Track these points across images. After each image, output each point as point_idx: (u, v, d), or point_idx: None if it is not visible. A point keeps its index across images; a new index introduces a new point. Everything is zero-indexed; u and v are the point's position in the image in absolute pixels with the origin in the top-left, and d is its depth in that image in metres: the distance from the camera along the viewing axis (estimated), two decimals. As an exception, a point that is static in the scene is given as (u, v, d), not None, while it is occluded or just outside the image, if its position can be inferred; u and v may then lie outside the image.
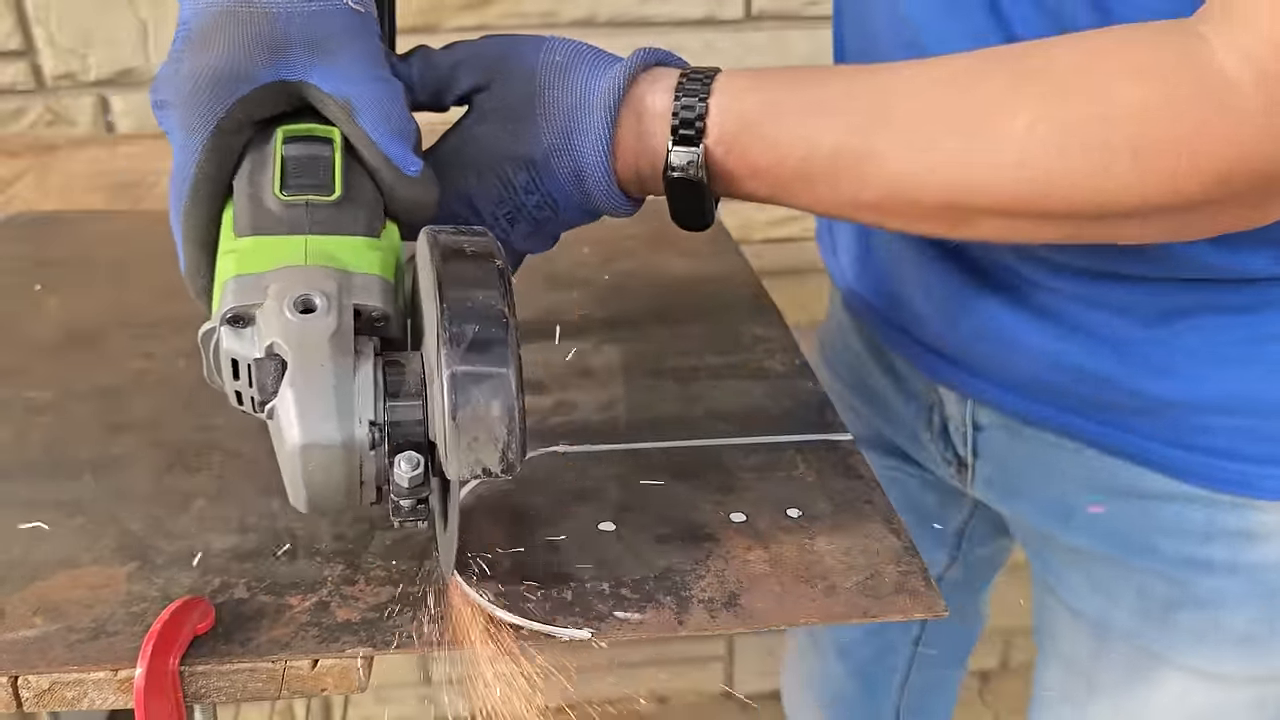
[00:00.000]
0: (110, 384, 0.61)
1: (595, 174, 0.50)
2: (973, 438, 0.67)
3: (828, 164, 0.47)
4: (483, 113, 0.52)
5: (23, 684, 0.40)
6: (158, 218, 0.88)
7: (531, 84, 0.51)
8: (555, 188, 0.52)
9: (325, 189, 0.44)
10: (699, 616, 0.44)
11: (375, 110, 0.45)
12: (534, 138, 0.51)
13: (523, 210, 0.53)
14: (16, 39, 1.18)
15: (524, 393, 0.39)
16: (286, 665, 0.41)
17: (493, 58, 0.52)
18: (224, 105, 0.44)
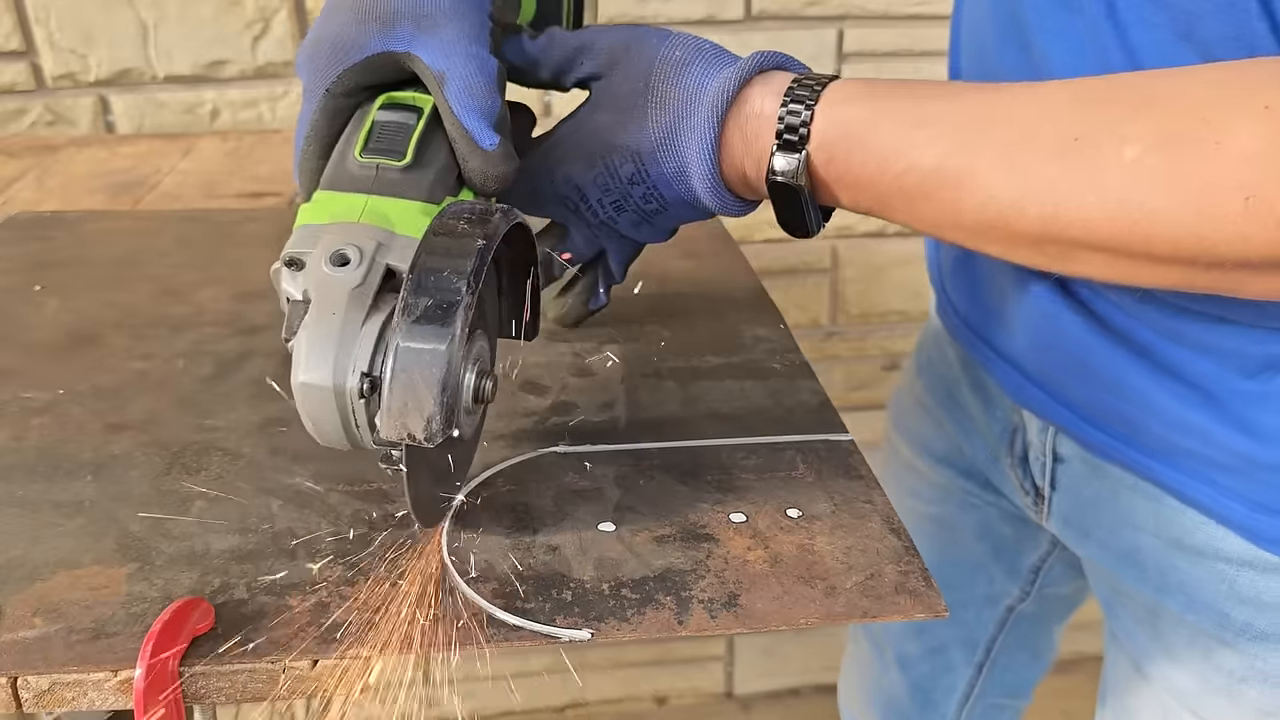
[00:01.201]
0: (110, 384, 0.61)
1: (699, 171, 0.50)
2: (1051, 469, 0.64)
3: (927, 180, 0.45)
4: (598, 101, 0.54)
5: (22, 684, 0.40)
6: (158, 218, 0.89)
7: (647, 77, 0.52)
8: (660, 182, 0.52)
9: (398, 155, 0.47)
10: (699, 617, 0.44)
11: (461, 84, 0.48)
12: (641, 130, 0.52)
13: (629, 200, 0.54)
14: (16, 39, 1.18)
15: (479, 367, 0.44)
16: (286, 666, 0.41)
17: (616, 46, 0.53)
18: (334, 71, 0.49)
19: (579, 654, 1.69)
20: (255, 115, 1.25)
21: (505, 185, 0.50)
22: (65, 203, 0.93)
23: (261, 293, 0.73)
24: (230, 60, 1.22)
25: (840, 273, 1.43)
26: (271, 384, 0.58)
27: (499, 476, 0.53)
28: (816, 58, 1.32)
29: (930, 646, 0.87)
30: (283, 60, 1.23)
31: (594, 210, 0.56)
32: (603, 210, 0.56)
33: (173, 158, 1.07)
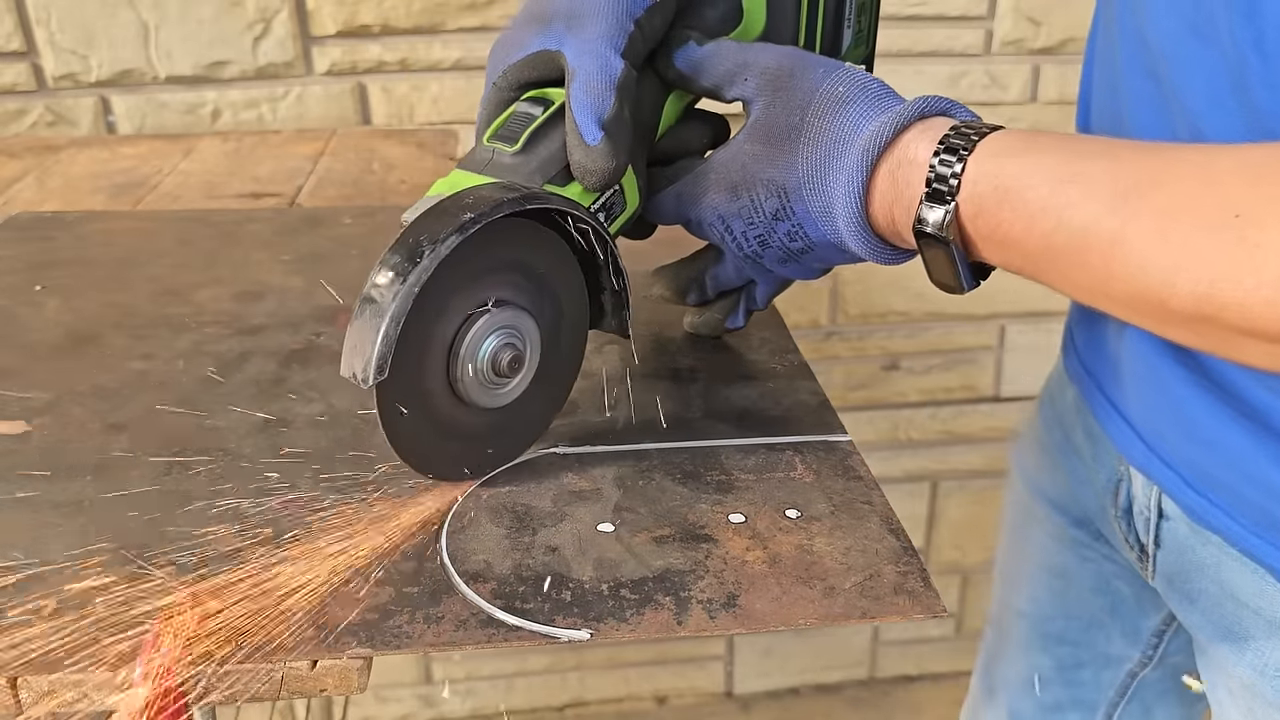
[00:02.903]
0: (110, 384, 0.61)
1: (845, 213, 0.49)
2: (1156, 525, 0.60)
3: (1075, 242, 0.41)
4: (753, 129, 0.53)
5: (22, 684, 0.40)
6: (158, 218, 0.89)
7: (804, 110, 0.50)
8: (806, 220, 0.51)
9: (512, 141, 0.52)
10: (698, 617, 0.44)
11: (582, 81, 0.51)
12: (790, 165, 0.50)
13: (773, 236, 0.53)
14: (18, 40, 1.18)
15: (505, 340, 0.49)
16: (286, 666, 0.41)
17: (780, 71, 0.52)
18: (500, 67, 0.54)
19: (579, 654, 1.69)
20: (256, 116, 1.25)
21: (602, 181, 0.51)
22: (66, 203, 0.93)
23: (261, 293, 0.74)
24: (231, 61, 1.22)
25: (840, 273, 1.43)
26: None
27: (499, 476, 0.53)
28: (817, 58, 1.32)
29: (1045, 704, 0.81)
30: (283, 61, 1.23)
31: (739, 243, 0.55)
32: (747, 244, 0.55)
33: (173, 158, 1.07)
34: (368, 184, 1.00)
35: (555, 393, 0.55)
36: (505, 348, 0.49)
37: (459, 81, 1.27)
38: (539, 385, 0.53)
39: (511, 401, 0.52)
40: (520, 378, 0.51)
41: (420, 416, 0.49)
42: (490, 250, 0.48)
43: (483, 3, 1.24)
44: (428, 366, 0.48)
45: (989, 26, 1.35)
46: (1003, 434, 1.63)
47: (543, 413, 0.55)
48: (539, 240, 0.51)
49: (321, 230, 0.86)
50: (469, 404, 0.50)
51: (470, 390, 0.49)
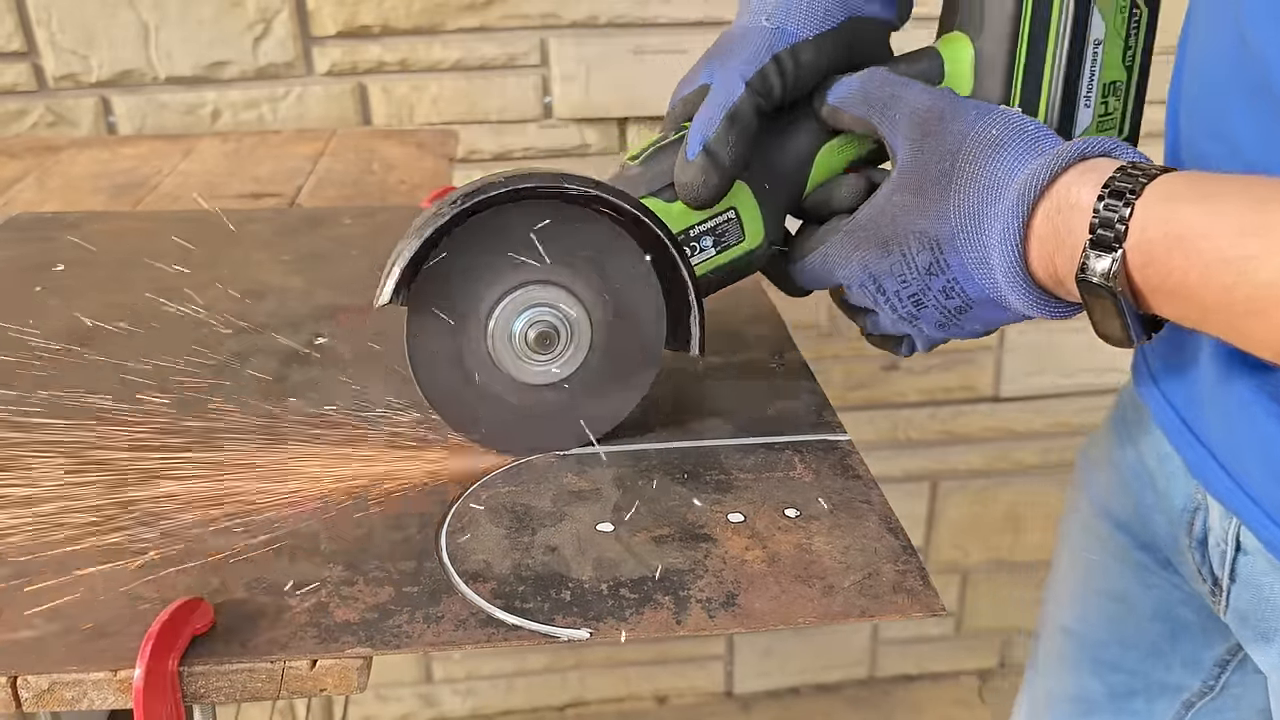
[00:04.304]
0: (110, 384, 0.61)
1: (1003, 263, 0.46)
2: (1233, 558, 0.57)
3: (1259, 296, 0.39)
4: (900, 178, 0.50)
5: (22, 684, 0.40)
6: (158, 218, 0.89)
7: (954, 156, 0.48)
8: (962, 274, 0.49)
9: (637, 156, 0.56)
10: (697, 617, 0.44)
11: (705, 102, 0.54)
12: (942, 215, 0.48)
13: (928, 294, 0.51)
14: (18, 40, 1.18)
15: (536, 317, 0.52)
16: (285, 665, 0.41)
17: (930, 114, 0.50)
18: (675, 99, 0.58)
19: (579, 653, 1.69)
20: (256, 116, 1.25)
21: (693, 196, 0.53)
22: (66, 204, 0.93)
23: (261, 293, 0.74)
24: (231, 61, 1.22)
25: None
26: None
27: (498, 477, 0.53)
28: (816, 58, 1.32)
29: None
30: (284, 61, 1.23)
31: (892, 305, 0.53)
32: (901, 305, 0.52)
33: (173, 158, 1.07)
34: (368, 184, 1.00)
35: (612, 401, 0.55)
36: (536, 325, 0.51)
37: (459, 82, 1.27)
38: (590, 385, 0.54)
39: (548, 385, 0.53)
40: (553, 361, 0.52)
41: (452, 362, 0.52)
42: (557, 234, 0.51)
43: (482, 3, 1.24)
44: (468, 313, 0.52)
45: (988, 26, 1.35)
46: (1002, 434, 1.63)
47: (590, 413, 0.55)
48: (619, 246, 0.52)
49: (321, 230, 0.86)
50: (498, 367, 0.52)
51: (500, 351, 0.52)
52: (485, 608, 0.44)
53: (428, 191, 0.94)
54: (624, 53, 1.28)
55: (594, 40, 1.27)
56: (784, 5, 0.54)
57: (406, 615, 0.43)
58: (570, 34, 1.27)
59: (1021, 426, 1.63)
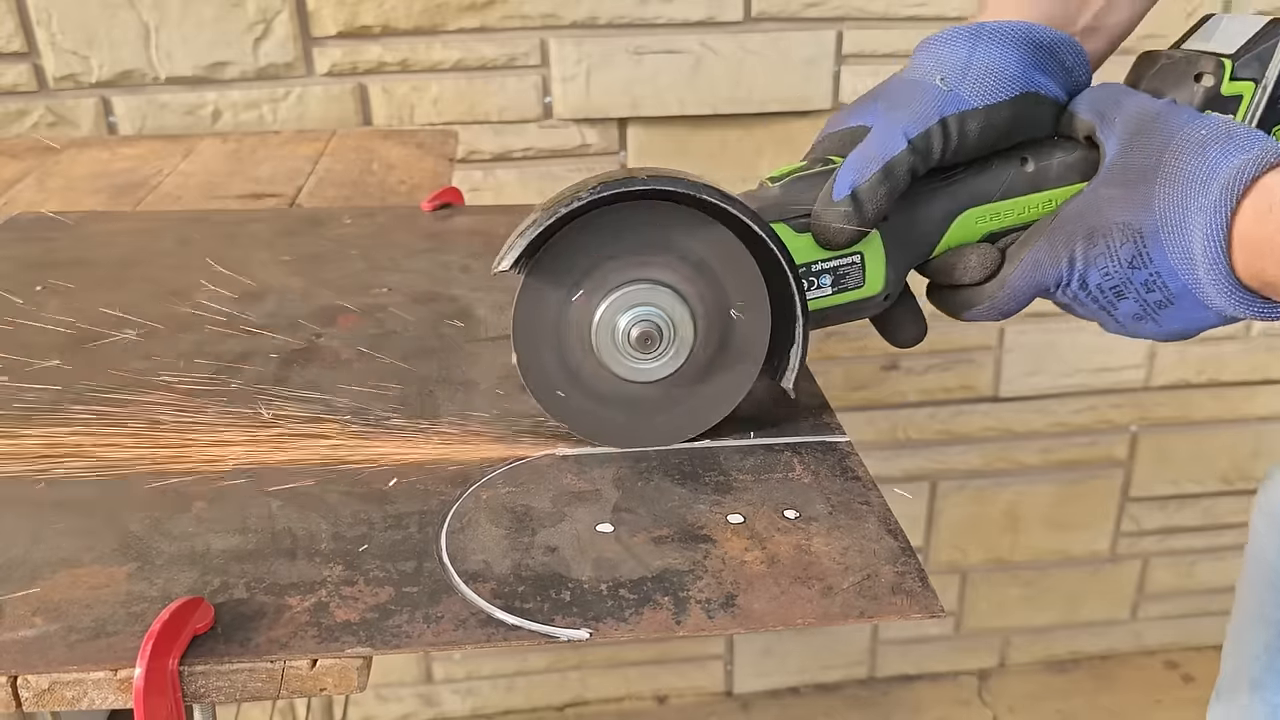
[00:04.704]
0: (110, 384, 0.61)
1: (1206, 260, 0.46)
2: None
3: None
4: (1109, 173, 0.51)
5: (22, 684, 0.40)
6: (158, 218, 0.89)
7: (1161, 152, 0.49)
8: (1164, 268, 0.49)
9: (776, 180, 0.56)
10: (696, 617, 0.44)
11: (860, 148, 0.53)
12: (1145, 206, 0.49)
13: (1130, 286, 0.51)
14: (18, 41, 1.18)
15: (639, 315, 0.52)
16: (286, 665, 0.41)
17: (1145, 115, 0.51)
18: (822, 134, 0.59)
19: (579, 653, 1.69)
20: (256, 116, 1.25)
21: (828, 238, 0.54)
22: (66, 204, 0.94)
23: (261, 293, 0.74)
24: (232, 62, 1.22)
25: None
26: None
27: (498, 477, 0.53)
28: (816, 59, 1.33)
29: None
30: (284, 62, 1.23)
31: (1093, 296, 0.53)
32: (1101, 297, 0.52)
33: (173, 159, 1.07)
34: (368, 184, 1.00)
35: (693, 412, 0.56)
36: (639, 324, 0.52)
37: (459, 82, 1.27)
38: (679, 391, 0.55)
39: (641, 384, 0.54)
40: (649, 361, 0.53)
41: (551, 339, 0.53)
42: (677, 239, 0.52)
43: (482, 3, 1.24)
44: (579, 296, 0.52)
45: (988, 27, 1.35)
46: (1001, 434, 1.63)
47: (670, 418, 0.55)
48: (741, 264, 0.52)
49: (321, 230, 0.86)
50: (596, 354, 0.53)
51: (600, 340, 0.52)
52: (485, 608, 0.44)
53: (428, 192, 0.94)
54: (624, 53, 1.28)
55: (594, 40, 1.27)
56: (962, 68, 0.54)
57: (406, 615, 0.44)
58: (570, 34, 1.27)
59: (1021, 426, 1.63)
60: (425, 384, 0.61)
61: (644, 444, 0.56)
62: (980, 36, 0.54)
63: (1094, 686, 1.81)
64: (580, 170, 1.35)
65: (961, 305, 0.57)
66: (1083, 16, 0.57)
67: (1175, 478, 1.72)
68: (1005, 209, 0.56)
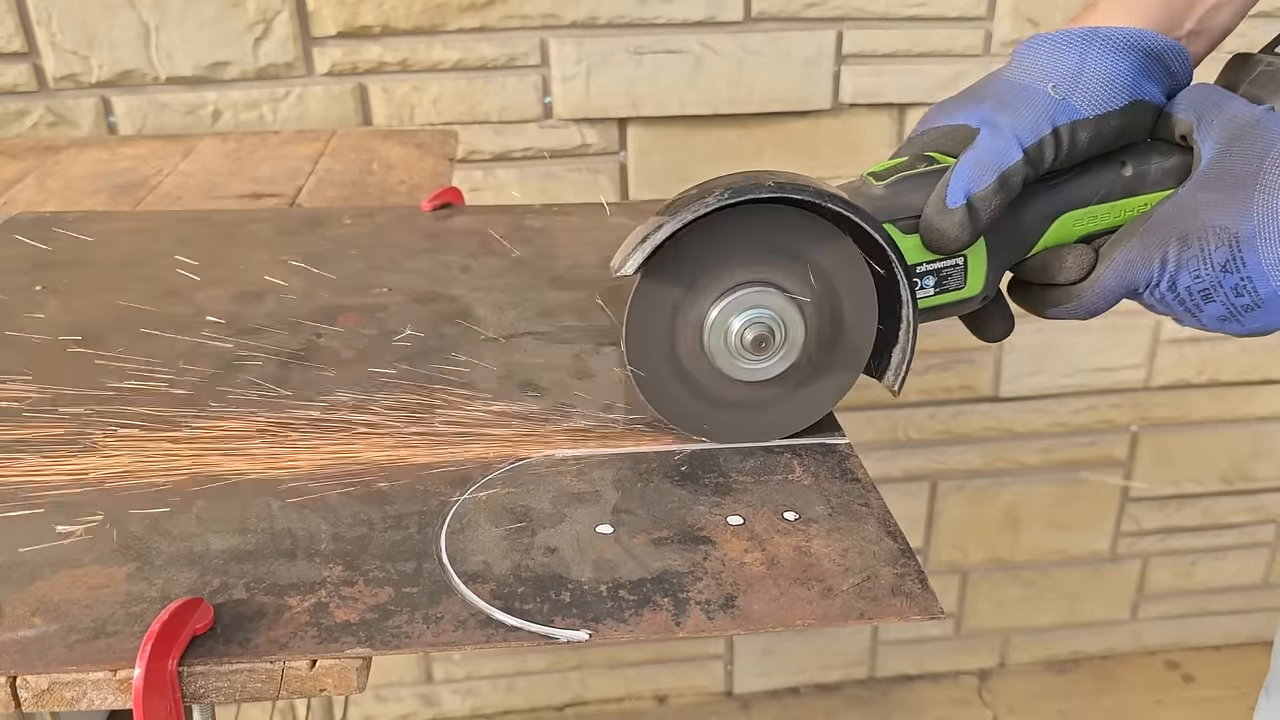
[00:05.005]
0: (110, 384, 0.61)
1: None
2: None
3: None
4: (1205, 176, 0.51)
5: (21, 684, 0.40)
6: (158, 218, 0.89)
7: (1263, 159, 0.49)
8: (1257, 273, 0.49)
9: (884, 180, 0.55)
10: (696, 618, 0.44)
11: (974, 152, 0.53)
12: (1243, 211, 0.49)
13: (1219, 290, 0.51)
14: (18, 41, 1.18)
15: (752, 318, 0.52)
16: (285, 666, 0.41)
17: (1245, 121, 0.51)
18: (922, 126, 0.58)
19: (579, 654, 1.69)
20: (257, 116, 1.25)
21: (940, 244, 0.53)
22: (66, 204, 0.94)
23: (261, 293, 0.74)
24: (232, 61, 1.22)
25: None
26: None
27: (498, 478, 0.53)
28: (816, 59, 1.33)
29: None
30: (284, 61, 1.23)
31: (1180, 298, 0.53)
32: (1190, 299, 0.52)
33: (173, 159, 1.07)
34: (368, 184, 1.00)
35: (797, 408, 0.56)
36: (754, 327, 0.52)
37: (459, 82, 1.27)
38: (786, 389, 0.55)
39: (741, 383, 0.54)
40: (760, 362, 0.53)
41: (664, 339, 0.53)
42: (798, 243, 0.52)
43: (482, 3, 1.24)
44: (693, 299, 0.53)
45: (988, 27, 1.35)
46: (1001, 434, 1.63)
47: (774, 415, 0.56)
48: (854, 266, 0.53)
49: (321, 230, 0.86)
50: (707, 355, 0.53)
51: (714, 355, 0.53)
52: (485, 608, 0.44)
53: (428, 192, 0.94)
54: (624, 53, 1.28)
55: (594, 40, 1.27)
56: (1073, 76, 0.53)
57: (406, 616, 0.44)
58: (570, 34, 1.27)
59: (1021, 426, 1.63)
60: (425, 384, 0.61)
61: (744, 439, 0.56)
62: (1093, 43, 0.53)
63: (1094, 686, 1.81)
64: (580, 170, 1.35)
65: (1050, 303, 0.57)
66: (1189, 20, 0.56)
67: (1175, 478, 1.72)
68: (1103, 212, 0.56)
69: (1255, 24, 0.59)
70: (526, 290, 0.75)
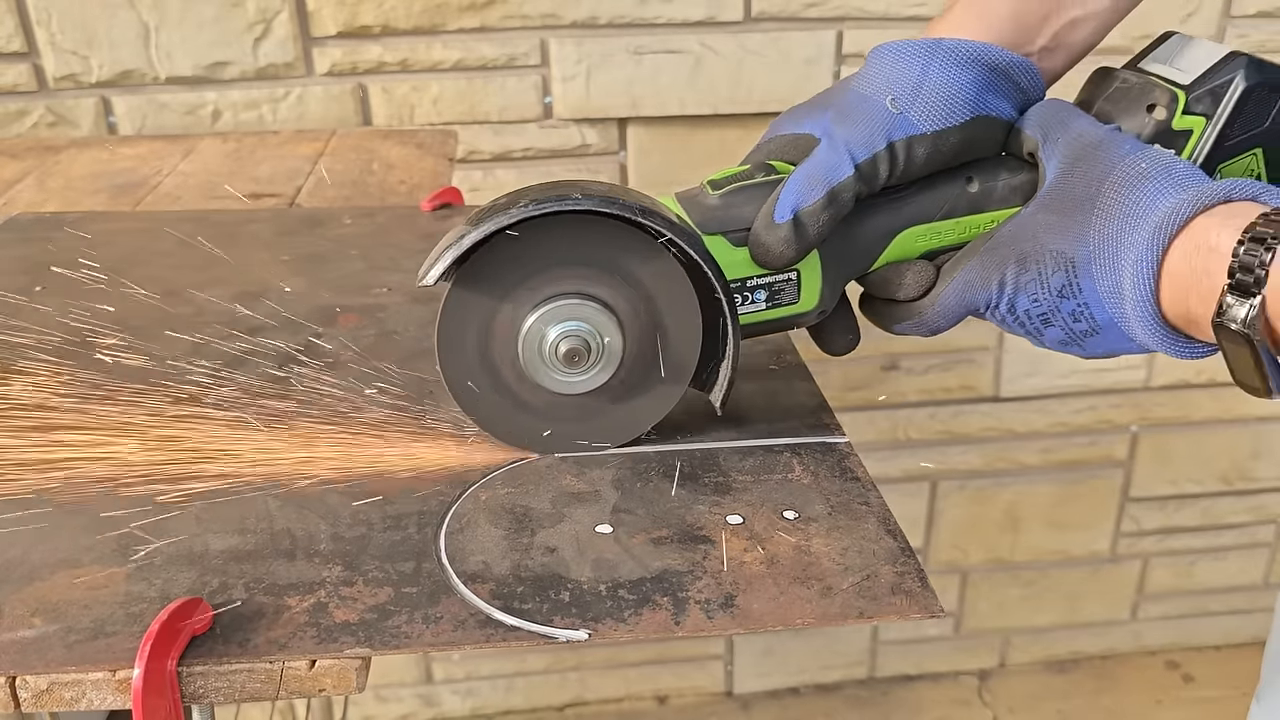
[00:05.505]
0: (110, 384, 0.61)
1: (1134, 296, 0.46)
2: None
3: None
4: (1047, 197, 0.51)
5: (21, 684, 0.40)
6: (158, 218, 0.89)
7: (1101, 182, 0.48)
8: (1093, 300, 0.49)
9: (720, 189, 0.54)
10: (695, 618, 0.44)
11: (805, 167, 0.52)
12: (1080, 238, 0.48)
13: (1056, 314, 0.51)
14: (18, 41, 1.18)
15: (567, 331, 0.51)
16: (284, 666, 0.41)
17: (1087, 142, 0.51)
18: (769, 134, 0.57)
19: (578, 654, 1.69)
20: (256, 116, 1.25)
21: (765, 259, 0.52)
22: (66, 204, 0.94)
23: (261, 293, 0.74)
24: (232, 61, 1.22)
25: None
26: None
27: (498, 478, 0.53)
28: (816, 59, 1.32)
29: None
30: (284, 62, 1.23)
31: (1020, 321, 0.53)
32: (1029, 322, 0.52)
33: (173, 159, 1.07)
34: (368, 184, 1.00)
35: (620, 420, 0.55)
36: (568, 340, 0.51)
37: (459, 82, 1.27)
38: (602, 402, 0.54)
39: (562, 394, 0.53)
40: (576, 375, 0.52)
41: (477, 349, 0.52)
42: (610, 254, 0.51)
43: (482, 3, 1.24)
44: (506, 309, 0.52)
45: (988, 27, 1.35)
46: (1001, 434, 1.63)
47: (600, 431, 0.55)
48: (674, 281, 0.52)
49: (321, 230, 0.86)
50: (522, 366, 0.52)
51: (528, 354, 0.52)
52: (484, 608, 0.44)
53: (428, 192, 0.94)
54: (624, 53, 1.28)
55: (594, 40, 1.27)
56: (912, 91, 0.52)
57: (405, 616, 0.44)
58: (570, 34, 1.27)
59: (1021, 426, 1.63)
60: (424, 384, 0.61)
61: (562, 450, 0.55)
62: (935, 56, 0.53)
63: (1094, 686, 1.81)
64: (581, 170, 1.35)
65: (893, 319, 0.57)
66: (1042, 35, 0.55)
67: (1175, 478, 1.72)
68: (946, 228, 0.55)
69: (1258, 24, 0.59)
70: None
